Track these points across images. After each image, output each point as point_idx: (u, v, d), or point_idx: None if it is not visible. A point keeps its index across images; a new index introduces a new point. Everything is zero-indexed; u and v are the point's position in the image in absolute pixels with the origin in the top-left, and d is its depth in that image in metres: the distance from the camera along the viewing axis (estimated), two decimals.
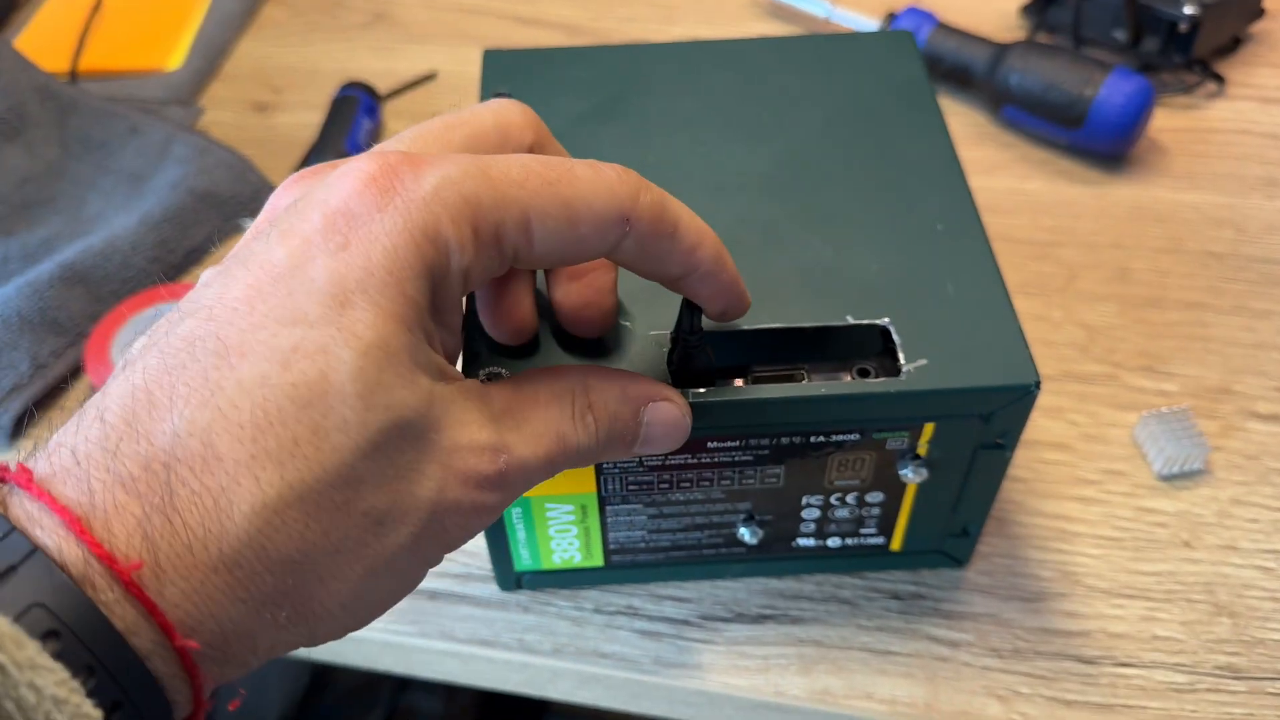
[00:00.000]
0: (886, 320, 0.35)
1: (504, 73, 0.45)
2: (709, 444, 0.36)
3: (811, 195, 0.40)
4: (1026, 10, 0.68)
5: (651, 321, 0.35)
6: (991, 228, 0.56)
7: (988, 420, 0.35)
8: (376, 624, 0.29)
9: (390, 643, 0.43)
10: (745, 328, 0.35)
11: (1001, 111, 0.61)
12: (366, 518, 0.24)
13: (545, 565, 0.42)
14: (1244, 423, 0.48)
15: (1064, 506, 0.45)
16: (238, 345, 0.23)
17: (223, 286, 0.25)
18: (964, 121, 0.63)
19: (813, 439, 0.36)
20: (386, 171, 0.25)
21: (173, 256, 0.55)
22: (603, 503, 0.38)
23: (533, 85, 0.44)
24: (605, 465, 0.37)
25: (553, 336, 0.35)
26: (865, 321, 0.35)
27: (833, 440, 0.36)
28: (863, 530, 0.41)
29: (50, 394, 0.50)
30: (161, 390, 0.23)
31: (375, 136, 0.62)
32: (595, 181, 0.27)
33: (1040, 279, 0.54)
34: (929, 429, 0.36)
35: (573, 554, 0.41)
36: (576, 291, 0.32)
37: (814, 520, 0.40)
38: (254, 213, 0.58)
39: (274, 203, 0.29)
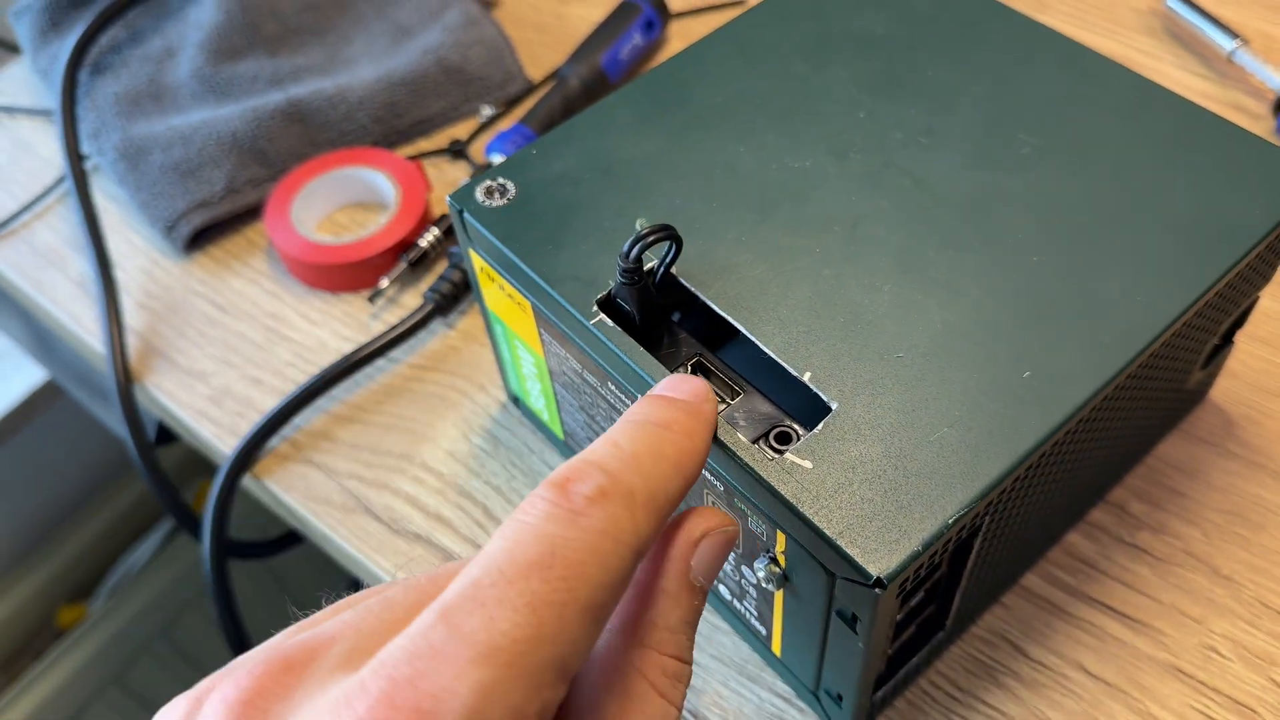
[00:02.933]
0: (836, 405, 0.29)
1: None
2: (609, 384, 0.32)
3: (974, 257, 0.32)
4: None
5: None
6: None
7: (832, 580, 0.28)
8: None
9: None
10: (736, 323, 0.30)
11: None
12: None
13: (525, 400, 0.42)
14: None
15: None
16: None
17: None
18: None
19: None
20: None
21: (399, 122, 0.53)
22: (552, 375, 0.37)
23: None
24: (545, 337, 0.35)
25: None
26: (817, 391, 0.29)
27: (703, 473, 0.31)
28: (745, 601, 0.35)
29: (233, 221, 0.51)
30: None
31: (642, 57, 0.56)
32: None
33: None
34: (781, 538, 0.29)
35: (541, 407, 0.40)
36: None
37: None
38: (496, 102, 0.55)
39: None
